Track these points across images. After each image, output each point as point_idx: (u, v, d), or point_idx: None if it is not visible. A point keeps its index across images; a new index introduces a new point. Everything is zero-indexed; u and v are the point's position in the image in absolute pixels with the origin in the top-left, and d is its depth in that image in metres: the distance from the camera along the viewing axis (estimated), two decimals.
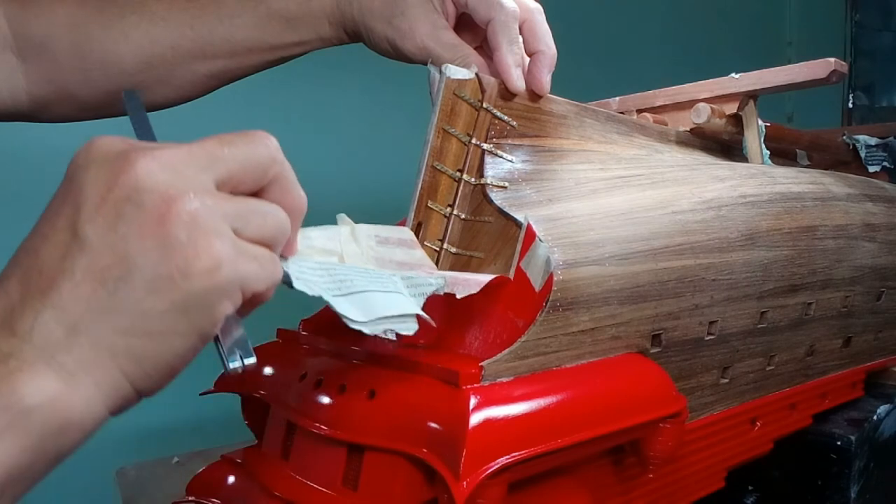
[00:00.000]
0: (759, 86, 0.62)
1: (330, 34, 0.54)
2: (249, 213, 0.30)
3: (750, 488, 0.62)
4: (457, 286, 0.37)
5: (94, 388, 0.27)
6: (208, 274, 0.27)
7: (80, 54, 0.52)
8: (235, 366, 0.30)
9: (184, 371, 0.30)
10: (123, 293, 0.27)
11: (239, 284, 0.29)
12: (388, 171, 1.02)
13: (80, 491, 1.00)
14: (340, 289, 0.33)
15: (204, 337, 0.29)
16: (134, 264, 0.27)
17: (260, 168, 0.31)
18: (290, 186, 0.32)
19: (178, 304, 0.27)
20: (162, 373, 0.28)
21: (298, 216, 0.33)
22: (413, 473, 0.35)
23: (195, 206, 0.28)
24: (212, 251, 0.28)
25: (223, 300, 0.28)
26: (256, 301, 0.31)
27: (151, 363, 0.28)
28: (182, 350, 0.28)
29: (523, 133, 0.46)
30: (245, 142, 0.31)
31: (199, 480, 0.45)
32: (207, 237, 0.28)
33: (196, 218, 0.28)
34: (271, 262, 0.30)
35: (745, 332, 0.51)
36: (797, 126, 0.86)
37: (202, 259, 0.27)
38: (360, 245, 0.39)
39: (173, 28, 0.52)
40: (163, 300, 0.27)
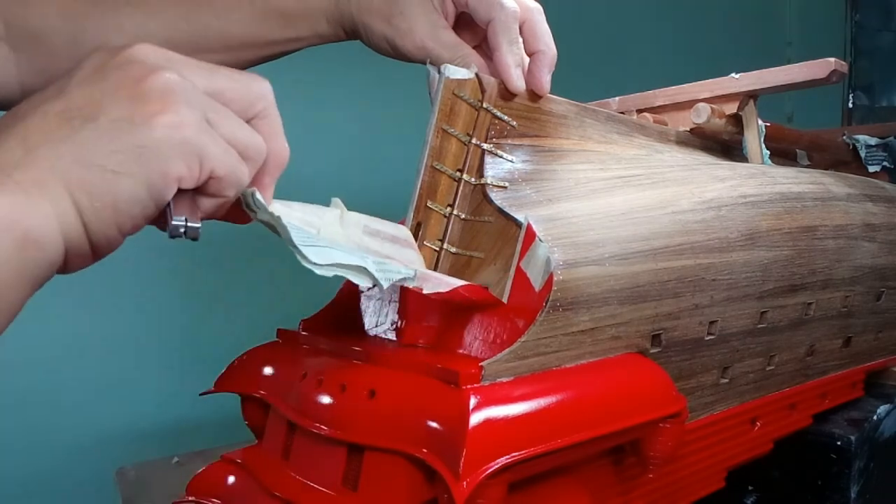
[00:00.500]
0: (759, 86, 0.62)
1: (327, 31, 0.53)
2: (227, 115, 0.32)
3: (750, 488, 0.63)
4: (426, 282, 0.38)
5: (49, 207, 0.28)
6: (169, 128, 0.29)
7: (74, 46, 0.52)
8: (177, 223, 0.31)
9: (183, 371, 0.30)
10: (87, 130, 0.29)
11: (198, 154, 0.30)
12: (388, 171, 1.02)
13: (80, 491, 1.00)
14: (305, 242, 0.33)
15: (153, 190, 0.29)
16: (102, 108, 0.29)
17: (250, 95, 0.33)
18: (276, 130, 0.34)
19: (134, 147, 0.29)
20: (108, 213, 0.29)
21: (278, 164, 0.35)
22: (413, 473, 0.35)
23: (175, 77, 0.30)
24: (178, 111, 0.29)
25: (178, 159, 0.29)
26: (215, 191, 0.32)
27: (100, 199, 0.29)
28: (129, 194, 0.29)
29: (523, 133, 0.46)
30: (243, 73, 0.34)
31: (199, 480, 0.45)
32: (177, 101, 0.30)
33: (172, 85, 0.30)
34: (237, 159, 0.32)
35: (745, 332, 0.51)
36: (797, 126, 0.85)
37: (167, 114, 0.29)
38: (345, 229, 0.39)
39: (168, 21, 0.52)
40: (120, 140, 0.29)
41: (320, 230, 0.38)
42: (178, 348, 1.06)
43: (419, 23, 0.49)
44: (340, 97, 1.18)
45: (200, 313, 1.07)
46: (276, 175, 0.35)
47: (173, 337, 1.06)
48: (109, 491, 0.88)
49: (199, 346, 1.05)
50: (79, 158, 0.28)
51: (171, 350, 1.06)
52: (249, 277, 1.09)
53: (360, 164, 1.20)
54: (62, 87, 0.30)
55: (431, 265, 0.45)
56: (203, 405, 0.79)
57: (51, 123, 0.29)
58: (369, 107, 1.20)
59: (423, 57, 0.48)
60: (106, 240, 0.30)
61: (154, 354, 1.06)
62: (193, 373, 0.78)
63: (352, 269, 0.34)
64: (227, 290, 1.09)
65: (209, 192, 0.32)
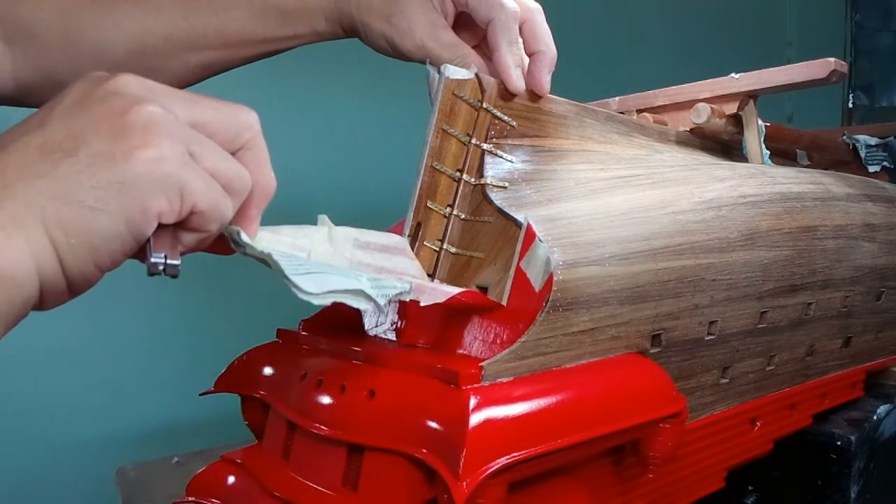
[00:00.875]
0: (759, 86, 0.62)
1: (326, 29, 0.53)
2: (210, 147, 0.31)
3: (750, 488, 0.63)
4: (423, 293, 0.37)
5: (24, 244, 0.27)
6: (149, 162, 0.29)
7: (70, 42, 0.52)
8: (156, 261, 0.30)
9: (183, 371, 0.30)
10: (66, 165, 0.28)
11: (179, 188, 0.29)
12: (387, 171, 1.02)
13: (80, 491, 1.00)
14: (298, 270, 0.33)
15: (132, 226, 0.29)
16: (83, 142, 0.28)
17: (235, 126, 0.32)
18: (262, 161, 0.34)
19: (113, 183, 0.28)
20: (85, 250, 0.29)
21: (264, 195, 0.34)
22: (413, 473, 0.35)
23: (157, 111, 0.29)
24: (160, 146, 0.29)
25: (158, 194, 0.29)
26: (197, 225, 0.31)
27: (77, 235, 0.28)
28: (107, 231, 0.29)
29: (523, 133, 0.46)
30: (228, 103, 0.33)
31: (199, 480, 0.45)
32: (159, 135, 0.29)
33: (154, 118, 0.29)
34: (221, 193, 0.31)
35: (745, 332, 0.51)
36: (797, 126, 0.85)
37: (148, 149, 0.29)
38: (334, 247, 0.39)
39: (167, 18, 0.52)
40: (99, 175, 0.28)
41: (311, 252, 0.38)
42: (178, 348, 1.06)
43: (419, 22, 0.48)
44: (340, 97, 1.18)
45: (200, 313, 1.07)
46: (263, 206, 0.35)
47: (173, 337, 1.06)
48: (109, 491, 0.88)
49: (199, 347, 1.05)
50: (57, 194, 0.28)
51: (171, 350, 1.06)
52: (249, 277, 1.09)
53: (359, 164, 1.20)
54: (44, 117, 0.29)
55: (431, 265, 0.45)
56: (203, 405, 0.79)
57: (30, 157, 0.28)
58: (369, 107, 1.20)
59: (423, 56, 0.48)
60: (83, 276, 0.29)
61: (154, 354, 1.06)
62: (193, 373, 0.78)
63: (349, 294, 0.33)
64: (228, 289, 1.08)
65: (191, 226, 0.31)
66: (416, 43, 0.49)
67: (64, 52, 0.52)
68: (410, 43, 0.49)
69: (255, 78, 0.57)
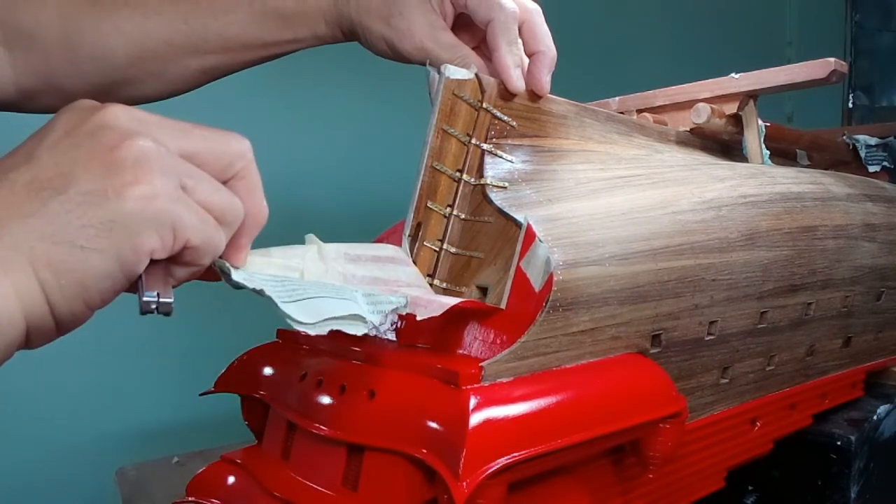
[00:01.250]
0: (759, 86, 0.62)
1: (326, 33, 0.53)
2: (202, 179, 0.31)
3: (750, 488, 0.63)
4: (419, 307, 0.37)
5: (10, 287, 0.27)
6: (141, 200, 0.28)
7: (71, 46, 0.52)
8: (148, 300, 0.29)
9: (183, 371, 0.30)
10: (56, 203, 0.27)
11: (171, 224, 0.29)
12: (388, 171, 1.02)
13: (80, 491, 1.00)
14: (292, 297, 0.32)
15: (124, 265, 0.28)
16: (73, 179, 0.28)
17: (227, 156, 0.32)
18: (254, 190, 0.33)
19: (104, 221, 0.27)
20: (75, 290, 0.28)
21: (255, 224, 0.34)
22: (413, 474, 0.35)
23: (149, 145, 0.29)
24: (152, 182, 0.28)
25: (150, 231, 0.28)
26: (190, 260, 0.31)
27: (66, 276, 0.28)
28: (98, 270, 0.28)
29: (523, 133, 0.46)
30: (219, 132, 0.32)
31: (199, 480, 0.45)
32: (151, 171, 0.28)
33: (146, 153, 0.28)
34: (214, 227, 0.31)
35: (745, 332, 0.51)
36: (797, 126, 0.85)
37: (140, 186, 0.28)
38: (326, 263, 0.39)
39: (167, 22, 0.52)
40: (90, 214, 0.27)
41: (303, 272, 0.37)
42: (179, 348, 1.06)
43: (418, 24, 0.48)
44: (341, 98, 1.18)
45: (200, 313, 1.07)
46: (254, 235, 0.34)
47: (173, 337, 1.06)
48: (109, 491, 0.88)
49: (200, 347, 1.05)
50: (46, 234, 0.27)
51: (172, 350, 1.06)
52: None
53: (360, 164, 1.20)
54: (31, 151, 0.29)
55: (431, 265, 0.45)
56: (203, 405, 0.79)
57: (18, 195, 0.27)
58: (369, 107, 1.20)
59: (422, 58, 0.48)
60: (72, 316, 0.29)
61: (154, 354, 1.06)
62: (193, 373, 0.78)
63: (345, 320, 0.33)
64: (228, 290, 1.08)
65: (184, 261, 0.31)
66: (415, 44, 0.49)
67: (64, 56, 0.52)
68: (410, 44, 0.49)
69: (256, 81, 0.57)
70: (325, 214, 1.15)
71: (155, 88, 0.55)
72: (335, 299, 0.34)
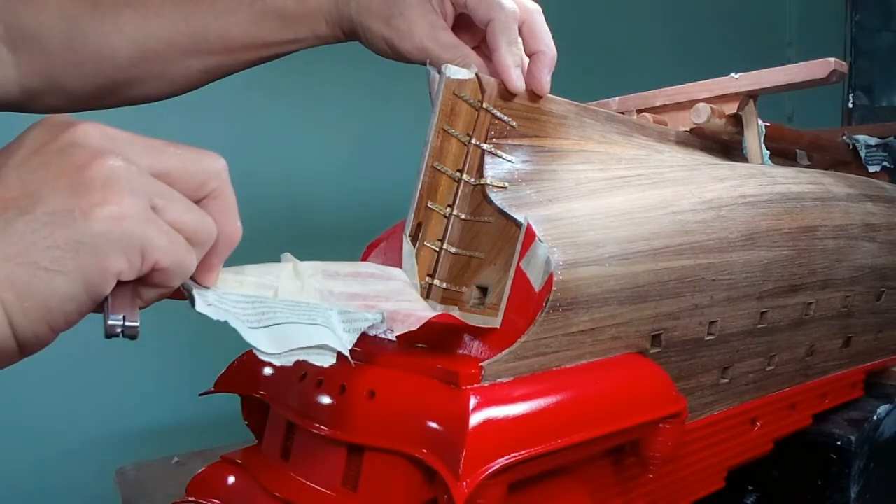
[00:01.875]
0: (759, 86, 0.62)
1: (326, 33, 0.54)
2: (174, 198, 0.30)
3: (750, 488, 0.63)
4: (395, 322, 0.36)
5: None
6: (109, 221, 0.27)
7: (73, 47, 0.52)
8: (113, 323, 0.29)
9: (183, 371, 0.30)
10: (20, 223, 0.27)
11: (140, 246, 0.28)
12: (388, 171, 1.02)
13: (80, 491, 1.00)
14: (260, 321, 0.32)
15: (90, 287, 0.28)
16: (40, 199, 0.27)
17: (200, 175, 0.31)
18: (228, 210, 0.32)
19: (70, 242, 0.27)
20: (38, 313, 0.27)
21: (228, 245, 0.33)
22: (413, 474, 0.35)
23: (119, 164, 0.28)
24: (121, 202, 0.27)
25: (118, 253, 0.28)
26: (159, 281, 0.30)
27: (30, 298, 0.27)
28: (63, 292, 0.27)
29: (523, 133, 0.46)
30: (193, 150, 0.31)
31: (199, 480, 0.45)
32: (121, 191, 0.28)
33: (116, 172, 0.28)
34: (184, 248, 0.30)
35: (745, 333, 0.51)
36: (797, 126, 0.85)
37: (108, 206, 0.27)
38: (302, 280, 0.38)
39: (168, 23, 0.52)
40: (55, 235, 0.27)
41: (277, 290, 0.37)
42: (179, 348, 1.06)
43: (418, 24, 0.48)
44: (341, 98, 1.18)
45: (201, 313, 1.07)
46: (225, 256, 0.33)
47: (173, 337, 1.06)
48: (109, 491, 0.88)
49: (200, 347, 1.05)
50: (10, 255, 0.26)
51: (172, 350, 1.06)
52: None
53: (360, 164, 1.20)
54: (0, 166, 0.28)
55: (431, 265, 0.45)
56: (203, 405, 0.79)
57: None
58: (369, 107, 1.20)
59: (423, 58, 0.48)
60: (36, 339, 0.28)
61: (154, 354, 1.06)
62: (193, 373, 0.78)
63: (313, 350, 0.32)
64: None
65: (152, 282, 0.30)
66: (415, 44, 0.49)
67: (67, 57, 0.52)
68: (410, 44, 0.49)
69: (257, 81, 0.57)
70: (326, 214, 1.16)
71: (157, 89, 0.55)
72: (306, 325, 0.33)
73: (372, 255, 0.48)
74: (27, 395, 0.97)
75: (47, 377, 0.98)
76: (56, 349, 0.92)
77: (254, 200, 0.96)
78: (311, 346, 0.32)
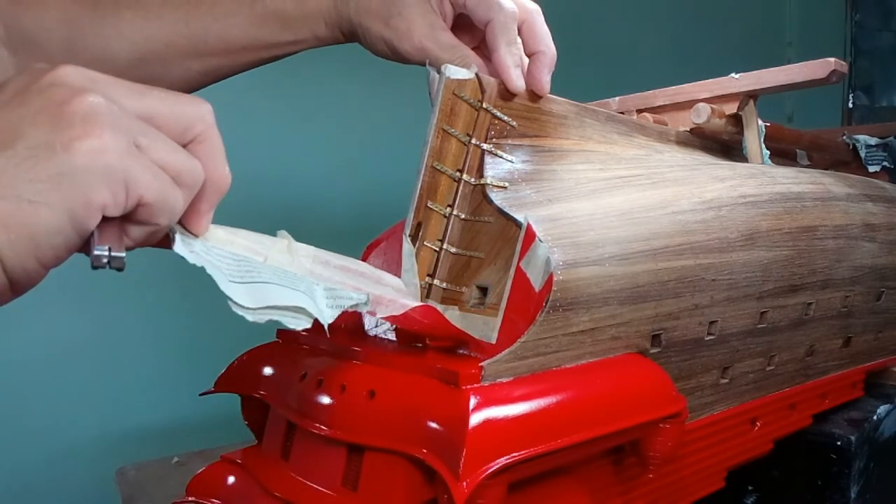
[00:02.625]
0: (759, 86, 0.62)
1: (326, 34, 0.54)
2: (158, 139, 0.30)
3: (750, 488, 0.63)
4: (380, 305, 0.36)
5: None
6: (90, 153, 0.27)
7: (73, 50, 0.52)
8: (99, 254, 0.29)
9: (183, 371, 0.30)
10: (2, 158, 0.27)
11: (124, 179, 0.28)
12: (388, 171, 1.02)
13: (80, 491, 1.00)
14: (243, 277, 0.31)
15: (75, 220, 0.28)
16: (21, 134, 0.27)
17: (185, 118, 0.31)
18: (215, 154, 0.32)
19: (52, 175, 0.27)
20: (25, 246, 0.27)
21: (217, 190, 0.33)
22: (413, 474, 0.35)
23: (99, 101, 0.28)
24: (102, 136, 0.28)
25: (101, 185, 0.28)
26: (145, 218, 0.30)
27: (15, 230, 0.27)
28: (48, 225, 0.27)
29: (523, 133, 0.46)
30: (177, 94, 0.31)
31: (199, 480, 0.45)
32: (101, 126, 0.28)
33: (96, 109, 0.28)
34: (170, 184, 0.30)
35: (745, 333, 0.51)
36: (797, 126, 0.86)
37: (89, 140, 0.27)
38: (293, 256, 0.38)
39: (168, 25, 0.52)
40: (37, 168, 0.27)
41: (267, 258, 0.37)
42: (179, 348, 1.07)
43: (417, 24, 0.49)
44: (340, 99, 1.18)
45: (200, 313, 1.07)
46: (215, 202, 0.33)
47: (173, 337, 1.06)
48: (109, 491, 0.88)
49: (200, 346, 1.05)
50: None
51: (172, 350, 1.06)
52: None
53: (360, 164, 1.20)
54: None
55: (431, 265, 0.45)
56: (203, 405, 0.79)
57: None
58: (369, 108, 1.20)
59: (422, 58, 0.48)
60: (25, 274, 0.28)
61: (154, 354, 1.06)
62: (193, 373, 0.78)
63: (288, 311, 0.32)
64: None
65: (138, 219, 0.30)
66: (414, 45, 0.49)
67: (67, 59, 0.51)
68: (409, 45, 0.49)
69: (257, 82, 0.58)
70: (326, 214, 1.16)
71: None
72: (288, 289, 0.33)
73: (372, 256, 0.48)
74: (27, 394, 0.97)
75: (47, 377, 0.98)
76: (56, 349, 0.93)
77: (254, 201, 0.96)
78: (287, 306, 0.32)
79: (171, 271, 1.05)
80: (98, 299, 1.01)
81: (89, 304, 1.00)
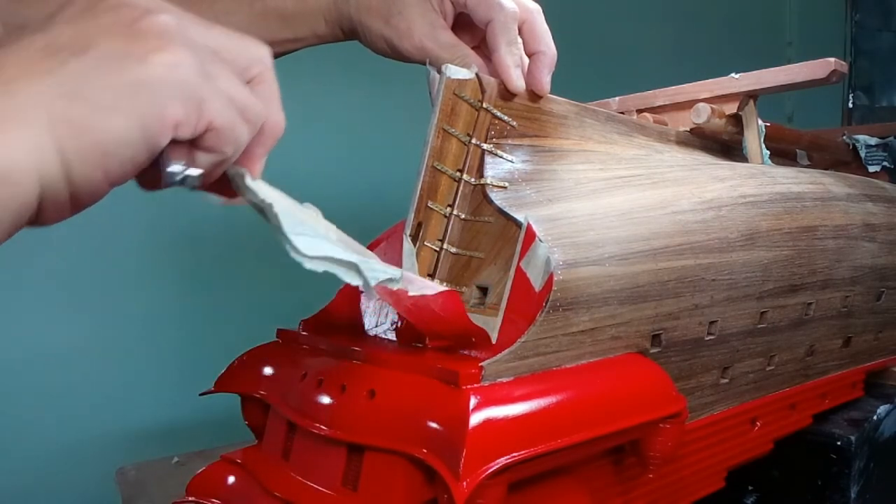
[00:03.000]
0: (759, 86, 0.62)
1: (326, 32, 0.53)
2: (225, 69, 0.29)
3: (750, 488, 0.63)
4: (412, 284, 0.36)
5: (24, 142, 0.25)
6: (167, 67, 0.27)
7: None
8: (174, 170, 0.28)
9: (183, 371, 0.30)
10: (75, 62, 0.26)
11: (197, 99, 0.28)
12: (388, 171, 1.02)
13: (80, 491, 1.00)
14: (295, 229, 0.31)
15: (147, 133, 0.27)
16: (94, 44, 0.26)
17: (246, 56, 0.31)
18: (272, 97, 0.32)
19: (128, 84, 0.26)
20: (94, 154, 0.26)
21: (272, 135, 0.33)
22: (413, 473, 0.35)
23: (173, 20, 0.28)
24: (176, 52, 0.27)
25: (175, 100, 0.27)
26: (213, 144, 0.29)
27: (86, 136, 0.26)
28: (119, 134, 0.26)
29: (523, 133, 0.46)
30: (240, 35, 0.31)
31: (199, 480, 0.45)
32: (175, 42, 0.27)
33: (170, 27, 0.27)
34: (238, 113, 0.29)
35: (745, 332, 0.51)
36: (797, 126, 0.86)
37: (165, 53, 0.27)
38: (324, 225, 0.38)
39: None
40: (113, 75, 0.26)
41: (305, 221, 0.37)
42: (179, 348, 1.06)
43: (418, 23, 0.48)
44: (340, 97, 1.18)
45: (200, 313, 1.07)
46: (270, 146, 0.33)
47: (173, 337, 1.06)
48: (109, 491, 0.88)
49: (199, 347, 1.05)
50: (65, 92, 0.25)
51: (171, 350, 1.06)
52: (249, 277, 1.09)
53: (360, 164, 1.20)
54: (43, 24, 0.27)
55: (431, 265, 0.45)
56: (203, 405, 0.79)
57: (33, 57, 0.26)
58: (369, 107, 1.20)
59: (422, 57, 0.48)
60: (89, 185, 0.27)
61: (154, 354, 1.05)
62: (193, 373, 0.78)
63: (342, 265, 0.32)
64: (228, 290, 1.08)
65: (206, 145, 0.29)
66: (414, 44, 0.49)
67: None
68: (409, 44, 0.49)
69: None
70: (326, 214, 1.15)
71: None
72: (338, 247, 0.33)
73: None
74: (27, 394, 0.97)
75: (47, 377, 0.98)
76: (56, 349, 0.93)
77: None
78: (342, 259, 0.32)
79: (170, 270, 1.05)
80: (98, 299, 1.01)
81: (89, 304, 1.00)
